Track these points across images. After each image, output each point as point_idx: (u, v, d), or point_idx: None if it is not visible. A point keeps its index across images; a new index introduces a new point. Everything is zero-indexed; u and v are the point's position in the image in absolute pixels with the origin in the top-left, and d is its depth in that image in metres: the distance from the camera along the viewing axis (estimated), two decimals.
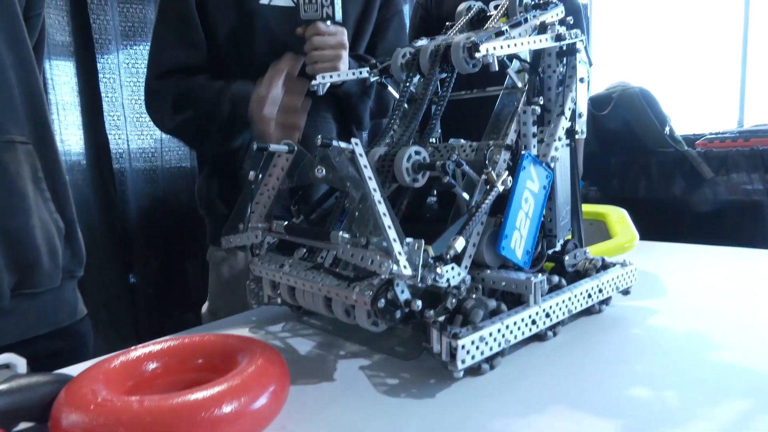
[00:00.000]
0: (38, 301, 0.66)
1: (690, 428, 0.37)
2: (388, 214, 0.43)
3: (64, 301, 0.71)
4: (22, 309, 0.64)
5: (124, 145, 1.92)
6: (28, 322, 0.65)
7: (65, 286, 0.71)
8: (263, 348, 0.43)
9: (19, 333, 0.64)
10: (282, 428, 0.39)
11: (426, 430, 0.38)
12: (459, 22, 0.66)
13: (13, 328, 0.63)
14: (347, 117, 0.99)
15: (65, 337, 0.70)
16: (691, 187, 1.76)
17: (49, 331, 0.68)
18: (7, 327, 0.63)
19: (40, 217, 0.64)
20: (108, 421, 0.33)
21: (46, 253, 0.64)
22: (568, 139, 0.59)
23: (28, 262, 0.62)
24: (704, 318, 0.58)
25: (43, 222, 0.65)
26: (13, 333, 0.63)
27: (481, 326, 0.45)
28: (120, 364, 0.42)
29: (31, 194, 0.63)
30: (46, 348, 0.67)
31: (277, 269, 0.52)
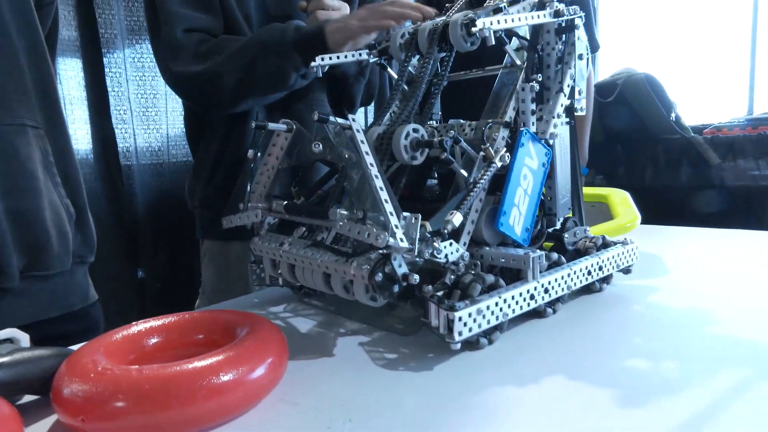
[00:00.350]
0: (49, 283, 0.67)
1: (686, 396, 0.37)
2: (384, 189, 0.43)
3: (76, 285, 0.72)
4: (32, 291, 0.65)
5: (131, 139, 1.94)
6: (39, 303, 0.66)
7: (76, 270, 0.72)
8: (262, 322, 0.43)
9: (30, 314, 0.65)
10: (280, 399, 0.39)
11: (422, 401, 0.38)
12: (459, 2, 0.66)
13: (25, 309, 0.65)
14: (341, 99, 0.99)
15: (77, 320, 0.71)
16: (697, 174, 1.74)
17: (61, 314, 0.69)
18: (18, 308, 0.64)
19: (51, 200, 0.65)
20: (107, 388, 0.34)
21: (55, 236, 0.65)
22: (568, 117, 0.59)
23: (37, 244, 0.63)
24: (706, 296, 0.58)
25: (54, 205, 0.66)
26: (24, 314, 0.64)
27: (478, 300, 0.45)
28: (121, 337, 0.42)
29: (42, 177, 0.64)
30: (58, 330, 0.68)
31: (276, 248, 0.53)
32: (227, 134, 0.91)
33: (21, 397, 0.41)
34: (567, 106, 0.58)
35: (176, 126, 2.05)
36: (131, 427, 0.34)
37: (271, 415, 0.37)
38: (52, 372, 0.38)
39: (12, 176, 0.61)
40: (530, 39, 0.58)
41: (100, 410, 0.33)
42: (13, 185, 0.61)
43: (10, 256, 0.60)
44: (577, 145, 0.61)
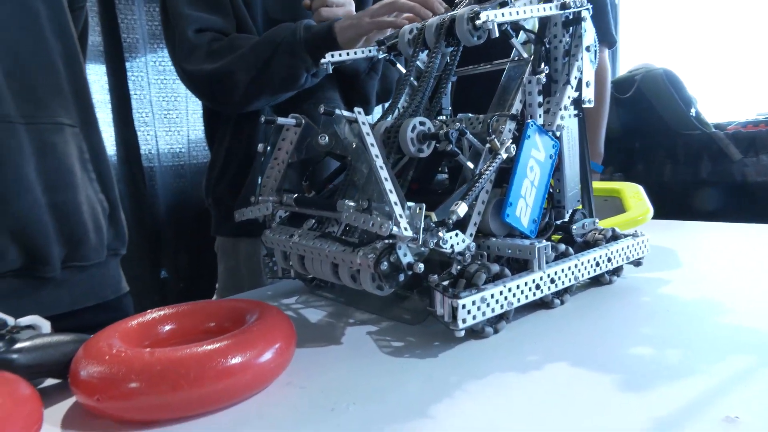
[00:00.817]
0: (86, 274, 0.70)
1: (689, 382, 0.37)
2: (389, 179, 0.44)
3: (109, 277, 0.76)
4: (71, 281, 0.68)
5: (153, 141, 1.98)
6: (77, 293, 0.70)
7: (109, 262, 0.75)
8: (270, 309, 0.44)
9: (69, 303, 0.68)
10: (287, 383, 0.41)
11: (425, 386, 0.39)
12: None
13: (64, 298, 0.68)
14: (353, 96, 1.00)
15: (110, 311, 0.74)
16: (718, 170, 1.71)
17: (96, 303, 0.72)
18: (58, 297, 0.67)
19: (87, 195, 0.69)
20: (121, 369, 0.35)
21: (92, 229, 0.69)
22: (576, 109, 0.59)
23: (76, 236, 0.67)
24: (718, 289, 0.58)
25: (90, 200, 0.69)
26: (64, 303, 0.68)
27: (483, 288, 0.45)
28: (136, 324, 0.44)
29: (79, 173, 0.68)
30: (92, 320, 0.71)
31: (287, 239, 0.54)
32: (237, 132, 0.93)
33: (42, 381, 0.43)
34: (575, 99, 0.58)
35: (197, 128, 2.09)
36: (143, 407, 0.35)
37: (278, 398, 0.39)
38: (71, 356, 0.40)
39: (52, 172, 0.64)
40: (537, 32, 0.58)
41: (114, 390, 0.35)
42: (53, 180, 0.64)
43: (52, 247, 0.64)
44: (586, 137, 0.61)
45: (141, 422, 0.36)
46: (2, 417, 0.30)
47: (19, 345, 0.40)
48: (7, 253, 0.60)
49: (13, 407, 0.31)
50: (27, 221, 0.61)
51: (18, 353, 0.39)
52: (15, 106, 0.62)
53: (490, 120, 0.53)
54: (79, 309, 0.70)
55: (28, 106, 0.63)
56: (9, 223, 0.60)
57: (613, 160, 1.80)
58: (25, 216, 0.61)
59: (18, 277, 0.63)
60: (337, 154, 0.56)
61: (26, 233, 0.61)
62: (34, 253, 0.62)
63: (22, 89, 0.63)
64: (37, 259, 0.63)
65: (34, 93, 0.64)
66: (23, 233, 0.61)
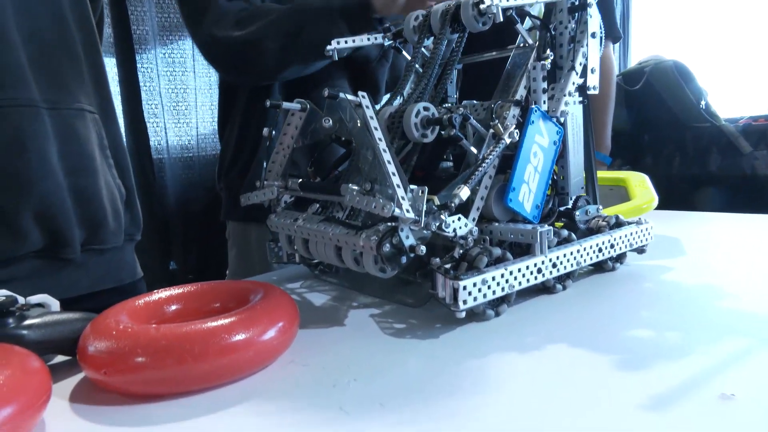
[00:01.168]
0: (104, 257, 0.72)
1: (687, 362, 0.37)
2: (392, 162, 0.45)
3: (126, 261, 0.78)
4: (90, 263, 0.70)
5: (162, 133, 2.00)
6: (95, 276, 0.72)
7: (126, 247, 0.78)
8: (275, 290, 0.45)
9: (87, 285, 0.71)
10: (290, 361, 0.41)
11: (425, 365, 0.40)
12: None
13: (83, 280, 0.70)
14: (363, 84, 1.00)
15: (126, 294, 0.76)
16: (727, 163, 1.70)
17: (113, 286, 0.75)
18: (77, 278, 0.69)
19: (106, 180, 0.71)
20: (127, 344, 0.36)
21: (111, 213, 0.71)
22: (581, 96, 0.59)
23: (96, 220, 0.69)
24: (721, 276, 0.58)
25: (108, 185, 0.71)
26: (83, 284, 0.70)
27: (484, 271, 0.46)
28: (143, 303, 0.45)
29: (98, 158, 0.70)
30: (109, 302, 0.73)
31: (291, 223, 0.54)
32: (249, 117, 0.93)
33: (52, 358, 0.44)
34: (580, 85, 0.58)
35: (206, 120, 2.10)
36: (149, 380, 0.36)
37: (280, 375, 0.39)
38: (79, 334, 0.41)
39: (74, 156, 0.66)
40: (542, 18, 0.58)
41: (120, 364, 0.36)
42: (75, 165, 0.66)
43: (73, 230, 0.65)
44: (591, 124, 0.61)
45: (147, 396, 0.37)
46: (12, 388, 0.31)
47: (28, 321, 0.41)
48: (30, 234, 0.62)
49: (23, 379, 0.32)
50: (50, 204, 0.63)
51: (28, 329, 0.40)
52: (39, 92, 0.63)
53: (494, 106, 0.53)
54: (97, 291, 0.72)
55: (52, 92, 0.64)
56: (32, 205, 0.61)
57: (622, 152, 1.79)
58: (48, 198, 0.62)
59: (40, 258, 0.65)
60: (342, 139, 0.57)
61: (49, 215, 0.63)
62: (56, 235, 0.64)
63: (46, 75, 0.64)
64: (59, 241, 0.65)
65: (58, 79, 0.66)
66: (46, 215, 0.63)
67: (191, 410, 0.35)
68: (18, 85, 0.61)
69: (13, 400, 0.30)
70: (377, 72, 0.98)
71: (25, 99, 0.61)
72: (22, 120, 0.60)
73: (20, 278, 0.63)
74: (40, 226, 0.63)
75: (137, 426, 0.33)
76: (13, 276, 0.62)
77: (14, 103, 0.60)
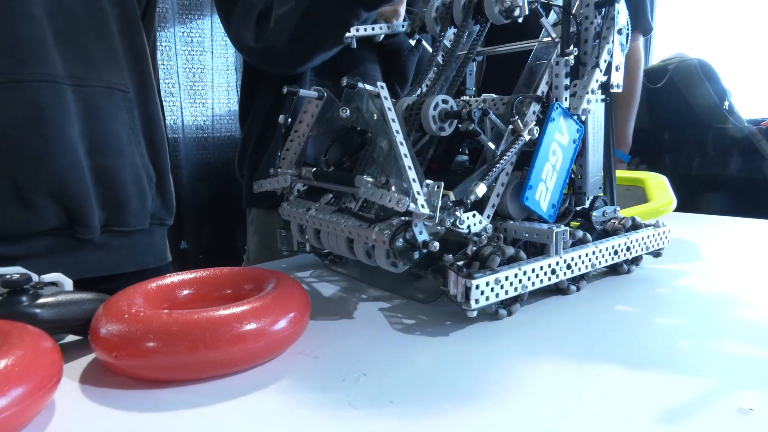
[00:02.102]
0: (128, 240, 0.71)
1: (703, 373, 0.36)
2: (409, 156, 0.44)
3: (152, 245, 0.76)
4: (111, 245, 0.70)
5: (178, 112, 2.00)
6: (116, 257, 0.71)
7: (155, 231, 0.76)
8: (287, 279, 0.45)
9: (108, 266, 0.70)
10: (300, 352, 0.41)
11: (434, 363, 0.39)
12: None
13: (104, 261, 0.69)
14: (392, 73, 0.98)
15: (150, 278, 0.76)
16: (749, 165, 1.66)
17: (136, 270, 0.73)
18: (98, 259, 0.69)
19: (132, 161, 0.69)
20: (139, 328, 0.36)
21: (135, 195, 0.70)
22: (603, 94, 0.58)
23: (117, 201, 0.68)
24: (737, 284, 0.56)
25: (135, 166, 0.70)
26: (103, 266, 0.69)
27: (497, 270, 0.45)
28: (156, 287, 0.45)
29: (125, 138, 0.68)
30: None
31: (303, 213, 0.54)
32: (277, 102, 0.91)
33: (64, 338, 0.45)
34: (603, 83, 0.56)
35: (221, 101, 2.10)
36: (159, 366, 0.36)
37: (290, 365, 0.39)
38: (91, 314, 0.41)
39: (96, 135, 0.65)
40: (568, 12, 0.57)
41: (131, 348, 0.36)
42: (97, 144, 0.65)
43: (92, 210, 0.65)
44: (612, 123, 0.60)
45: (156, 380, 0.37)
46: (24, 367, 0.31)
47: (42, 300, 0.41)
48: (46, 211, 0.61)
49: (35, 359, 0.33)
50: (66, 181, 0.62)
51: (41, 308, 0.41)
52: (63, 67, 0.62)
53: (514, 101, 0.52)
54: (120, 274, 0.71)
55: (77, 68, 0.63)
56: (48, 182, 0.61)
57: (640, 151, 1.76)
58: (65, 176, 0.62)
59: (56, 237, 0.64)
60: (358, 129, 0.56)
61: (65, 193, 0.62)
62: (73, 214, 0.63)
63: (72, 50, 0.63)
64: (76, 221, 0.64)
65: (85, 55, 0.64)
66: (62, 193, 0.62)
67: (201, 397, 0.35)
68: (39, 60, 0.59)
69: (24, 381, 0.31)
70: (407, 63, 0.97)
71: (46, 74, 0.60)
72: (41, 95, 0.59)
73: (38, 255, 0.63)
74: (57, 203, 0.62)
75: (146, 411, 0.33)
76: (30, 252, 0.62)
77: (34, 78, 0.59)
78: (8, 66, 0.58)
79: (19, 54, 0.58)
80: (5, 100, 0.58)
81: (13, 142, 0.59)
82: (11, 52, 0.58)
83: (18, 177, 0.59)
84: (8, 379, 0.30)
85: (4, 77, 0.58)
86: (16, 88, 0.58)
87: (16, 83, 0.58)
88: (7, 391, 0.29)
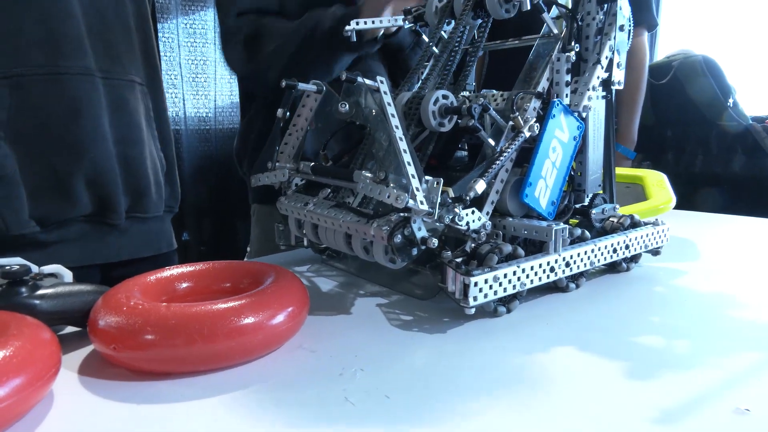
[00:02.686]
0: (145, 226, 0.75)
1: (699, 372, 0.37)
2: (408, 152, 0.44)
3: (164, 231, 0.81)
4: (132, 230, 0.73)
5: (180, 104, 2.00)
6: (137, 243, 0.75)
7: (165, 218, 0.80)
8: (286, 273, 0.45)
9: (130, 251, 0.73)
10: (298, 346, 0.42)
11: (432, 358, 0.39)
12: None
13: (126, 246, 0.73)
14: (396, 71, 0.98)
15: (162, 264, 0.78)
16: (752, 163, 1.66)
17: (152, 255, 0.77)
18: (122, 244, 0.72)
19: (150, 151, 0.73)
20: (137, 321, 0.36)
21: (153, 183, 0.73)
22: (604, 90, 0.57)
23: (140, 188, 0.71)
24: (735, 283, 0.56)
25: (152, 156, 0.74)
26: (126, 251, 0.73)
27: (496, 267, 0.45)
28: (155, 279, 0.45)
29: (145, 129, 0.72)
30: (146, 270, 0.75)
31: (301, 207, 0.54)
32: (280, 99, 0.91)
33: (62, 329, 0.45)
34: (604, 80, 0.56)
35: (224, 94, 2.10)
36: (157, 358, 0.36)
37: (288, 359, 0.40)
38: (90, 306, 0.41)
39: (123, 126, 0.68)
40: (570, 8, 0.56)
41: (130, 340, 0.36)
42: (123, 134, 0.68)
43: (120, 197, 0.68)
44: (613, 120, 0.60)
45: (154, 372, 0.37)
46: (22, 359, 0.32)
47: (41, 291, 0.41)
48: (82, 198, 0.65)
49: (33, 350, 0.33)
50: (100, 170, 0.65)
51: (40, 299, 0.41)
52: (95, 61, 0.65)
53: (514, 97, 0.52)
54: (136, 259, 0.74)
55: (106, 62, 0.67)
56: (85, 170, 0.64)
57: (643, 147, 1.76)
58: (99, 165, 0.65)
59: (89, 222, 0.68)
60: (357, 123, 0.56)
61: (99, 181, 0.65)
62: (104, 200, 0.67)
63: (102, 46, 0.66)
64: (107, 207, 0.67)
65: (112, 50, 0.68)
66: (96, 181, 0.65)
67: (198, 390, 0.35)
68: (77, 54, 0.63)
69: (23, 372, 0.31)
70: (410, 59, 0.96)
71: (83, 68, 0.63)
72: (79, 88, 0.63)
73: (70, 240, 0.66)
74: (91, 191, 0.65)
75: (144, 402, 0.34)
76: (63, 238, 0.65)
77: (73, 71, 0.63)
78: (49, 60, 0.61)
79: (59, 49, 0.62)
80: (47, 92, 0.61)
81: (54, 132, 0.62)
82: (52, 47, 0.62)
83: (57, 165, 0.63)
84: (7, 369, 0.30)
85: (45, 69, 0.61)
86: (57, 80, 0.62)
87: (56, 75, 0.62)
88: (5, 381, 0.30)
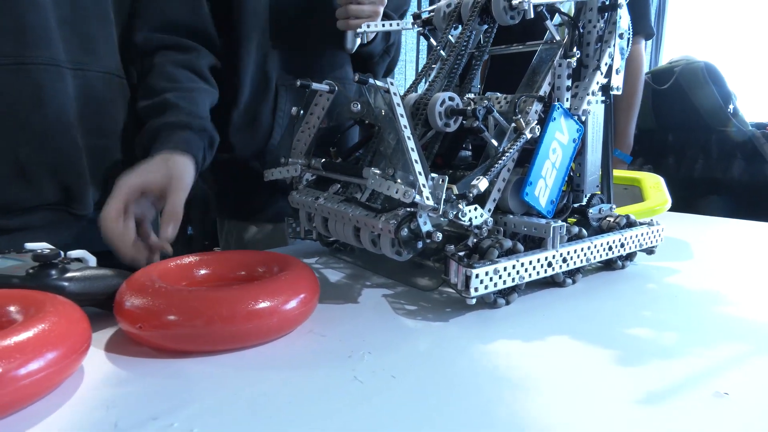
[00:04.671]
0: None
1: (684, 361, 0.39)
2: (416, 150, 0.47)
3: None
4: None
5: None
6: None
7: None
8: (298, 263, 0.48)
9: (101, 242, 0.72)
10: (309, 331, 0.44)
11: (434, 344, 0.42)
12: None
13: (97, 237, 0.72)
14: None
15: None
16: (752, 169, 1.68)
17: None
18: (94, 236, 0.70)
19: (128, 144, 0.72)
20: (162, 302, 0.39)
21: None
22: (604, 95, 0.60)
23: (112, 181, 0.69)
24: (725, 282, 0.59)
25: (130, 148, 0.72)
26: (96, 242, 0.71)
27: (497, 261, 0.48)
28: (175, 266, 0.48)
29: (122, 122, 0.72)
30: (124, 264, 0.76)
31: (312, 201, 0.57)
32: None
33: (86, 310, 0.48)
34: (603, 85, 0.59)
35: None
36: (179, 337, 0.39)
37: (301, 342, 0.42)
38: (114, 289, 0.44)
39: (94, 117, 0.68)
40: (572, 16, 0.59)
41: (155, 320, 0.39)
42: (94, 125, 0.68)
43: (87, 187, 0.68)
44: (611, 124, 0.62)
45: (176, 351, 0.40)
46: (58, 334, 0.34)
47: (70, 274, 0.44)
48: (44, 187, 0.65)
49: (68, 325, 0.35)
50: (65, 159, 0.65)
51: (69, 281, 0.44)
52: (64, 51, 0.65)
53: (517, 100, 0.55)
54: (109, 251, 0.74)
55: (78, 53, 0.67)
56: (48, 159, 0.65)
57: (644, 151, 1.78)
58: (64, 154, 0.65)
59: (54, 211, 0.68)
60: (366, 122, 0.59)
61: (62, 171, 0.66)
62: (70, 190, 0.67)
63: (74, 37, 0.66)
64: (71, 197, 0.67)
65: (87, 42, 0.68)
66: (60, 171, 0.66)
67: (217, 368, 0.38)
68: (42, 44, 0.63)
69: (59, 345, 0.34)
70: (378, 66, 0.99)
71: (48, 58, 0.63)
72: (43, 78, 0.63)
73: (35, 228, 0.66)
74: (55, 180, 0.66)
75: (167, 378, 0.36)
76: (29, 225, 0.66)
77: (37, 61, 0.63)
78: (14, 49, 0.61)
79: (24, 38, 0.62)
80: (10, 81, 0.62)
81: (17, 120, 0.63)
82: (17, 37, 0.62)
83: (20, 154, 0.63)
84: (45, 342, 0.33)
85: (9, 59, 0.61)
86: (21, 70, 0.62)
87: (20, 65, 0.62)
88: (43, 353, 0.32)
